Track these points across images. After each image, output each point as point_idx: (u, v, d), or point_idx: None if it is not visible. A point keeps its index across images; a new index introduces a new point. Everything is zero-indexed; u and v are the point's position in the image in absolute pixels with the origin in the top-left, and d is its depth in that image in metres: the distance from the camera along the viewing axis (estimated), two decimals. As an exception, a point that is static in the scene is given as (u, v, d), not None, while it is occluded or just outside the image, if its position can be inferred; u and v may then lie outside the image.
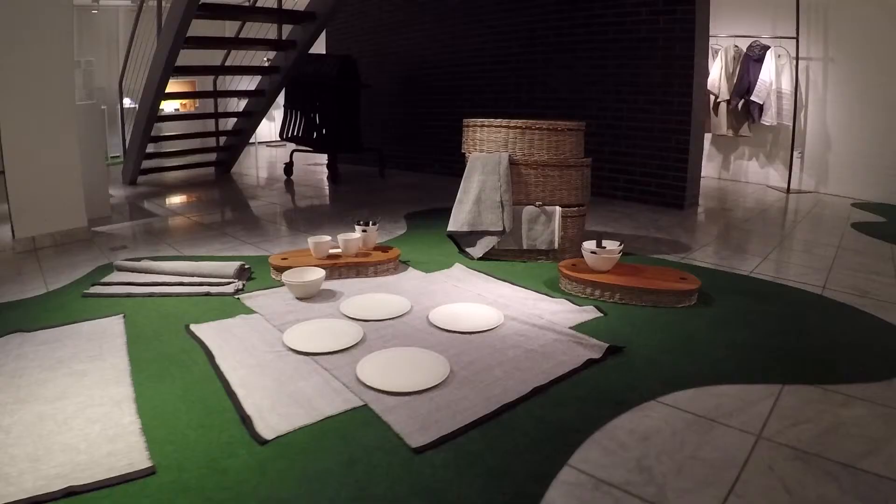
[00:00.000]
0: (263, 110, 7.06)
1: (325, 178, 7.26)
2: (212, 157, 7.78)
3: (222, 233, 4.56)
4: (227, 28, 7.11)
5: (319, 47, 9.45)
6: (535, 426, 1.87)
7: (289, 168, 7.31)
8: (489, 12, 6.79)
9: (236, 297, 3.06)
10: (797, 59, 6.48)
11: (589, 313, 2.81)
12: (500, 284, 3.25)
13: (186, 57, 6.05)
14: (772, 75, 6.67)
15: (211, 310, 2.85)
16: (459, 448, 1.76)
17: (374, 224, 3.60)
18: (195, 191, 6.67)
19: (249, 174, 7.86)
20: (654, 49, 5.46)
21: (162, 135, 7.28)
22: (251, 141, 11.26)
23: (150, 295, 3.08)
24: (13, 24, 3.89)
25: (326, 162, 6.94)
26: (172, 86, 9.51)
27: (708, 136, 7.38)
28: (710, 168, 7.54)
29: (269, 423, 1.86)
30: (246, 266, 3.47)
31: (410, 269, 3.54)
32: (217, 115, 7.51)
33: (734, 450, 1.76)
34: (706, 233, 4.67)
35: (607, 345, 2.41)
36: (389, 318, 2.76)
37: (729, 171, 7.58)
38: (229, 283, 3.24)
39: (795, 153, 6.70)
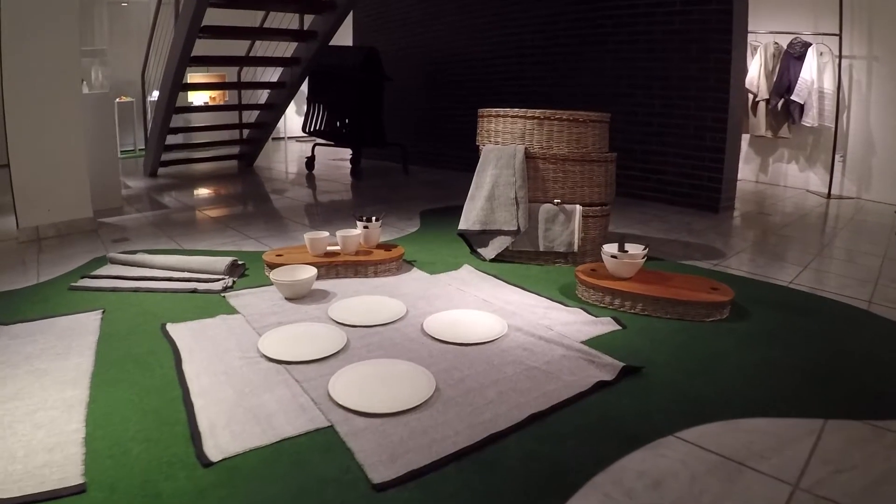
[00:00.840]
0: (285, 103, 6.81)
1: (347, 174, 6.98)
2: (234, 150, 7.57)
3: (227, 227, 4.32)
4: (252, 19, 6.84)
5: (346, 40, 9.19)
6: (526, 463, 1.55)
7: (310, 162, 7.06)
8: (514, 2, 6.43)
9: (223, 294, 2.82)
10: (840, 57, 6.04)
11: (605, 326, 2.46)
12: (509, 289, 2.92)
13: (208, 47, 5.84)
14: (813, 74, 6.25)
15: (194, 308, 2.63)
16: (429, 487, 1.45)
17: (376, 220, 3.29)
18: (214, 184, 6.46)
19: (273, 168, 7.63)
20: (688, 42, 5.06)
21: (180, 126, 7.06)
22: (280, 135, 11.08)
23: (136, 290, 2.88)
24: (19, 14, 3.77)
25: (352, 157, 6.65)
26: (200, 77, 9.38)
27: (745, 138, 6.95)
28: (746, 171, 7.10)
29: (219, 443, 1.60)
30: (238, 262, 3.24)
31: (415, 269, 3.24)
32: (241, 108, 7.28)
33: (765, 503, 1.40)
34: (742, 238, 4.27)
35: (622, 364, 2.07)
36: (379, 325, 2.47)
37: (767, 175, 7.13)
38: (218, 280, 3.00)
39: (837, 157, 6.25)
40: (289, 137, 11.32)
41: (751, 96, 6.70)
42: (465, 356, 2.17)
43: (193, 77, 9.99)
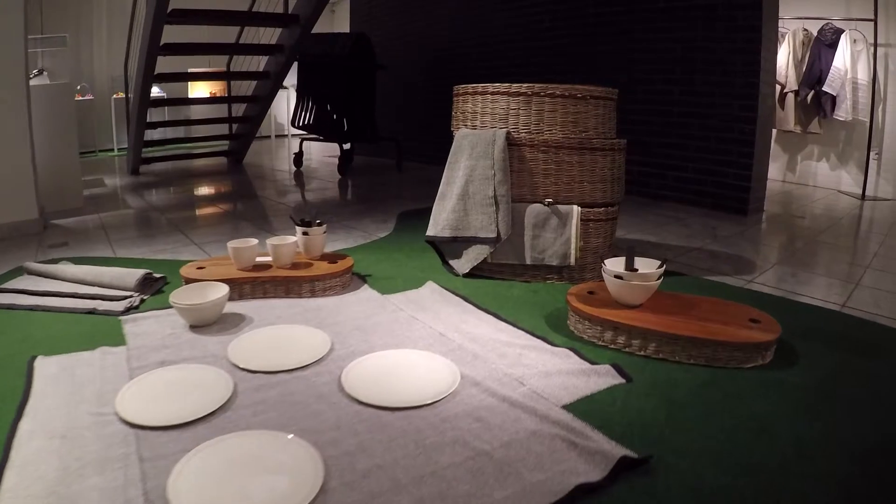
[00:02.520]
0: (270, 94, 6.04)
1: (336, 171, 6.21)
2: (218, 146, 6.84)
3: (178, 230, 3.58)
4: (242, 3, 6.08)
5: (343, 27, 8.43)
6: None
7: (298, 159, 6.29)
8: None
9: (121, 318, 2.14)
10: (875, 45, 5.25)
11: (602, 378, 1.66)
12: (479, 318, 2.12)
13: (193, 34, 5.14)
14: (846, 63, 5.48)
15: (83, 334, 2.00)
16: None
17: (319, 224, 2.51)
18: (193, 182, 5.74)
19: (263, 165, 6.87)
20: (712, 20, 4.21)
21: (157, 121, 6.34)
22: (283, 132, 10.37)
23: (33, 308, 2.25)
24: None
25: (340, 152, 5.84)
26: (203, 68, 8.68)
27: (773, 133, 6.08)
28: (773, 169, 6.23)
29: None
30: (155, 276, 2.52)
31: (365, 286, 2.46)
32: (224, 100, 6.53)
33: None
34: (775, 247, 3.43)
35: (620, 454, 1.26)
36: (286, 371, 1.70)
37: (795, 174, 6.27)
38: (124, 298, 2.31)
39: (872, 154, 5.44)
40: (293, 134, 10.62)
41: (778, 87, 5.87)
42: (386, 429, 1.40)
43: (195, 67, 9.34)
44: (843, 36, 5.52)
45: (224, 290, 2.11)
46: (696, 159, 4.45)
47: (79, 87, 8.81)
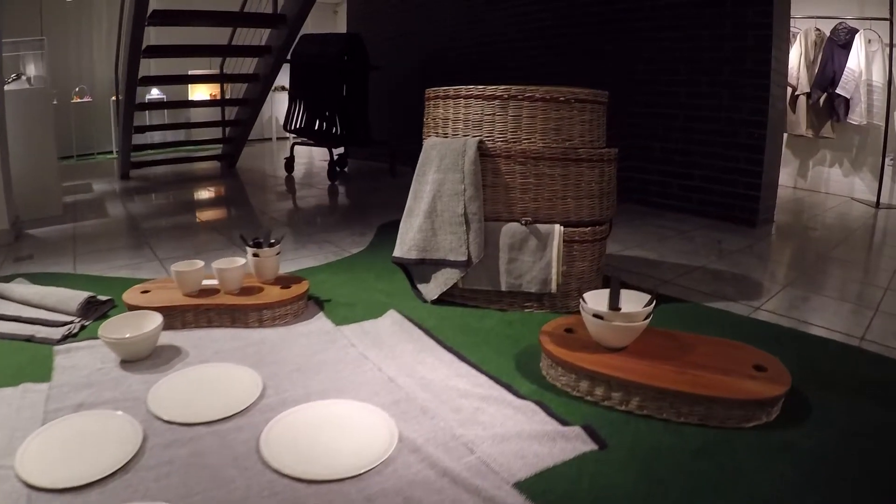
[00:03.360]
0: (261, 97, 5.76)
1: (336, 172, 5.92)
2: (213, 149, 6.59)
3: (145, 243, 3.31)
4: (234, 4, 5.80)
5: (341, 27, 8.14)
6: None
7: (289, 163, 6.00)
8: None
9: (55, 347, 1.89)
10: (892, 45, 4.92)
11: (571, 442, 1.36)
12: (439, 357, 1.82)
13: (185, 36, 4.89)
14: (861, 64, 5.15)
15: (16, 366, 1.76)
16: None
17: (272, 244, 2.22)
18: (179, 187, 5.47)
19: (257, 169, 6.60)
20: (720, 16, 3.88)
21: (146, 125, 6.10)
22: (285, 135, 10.10)
23: None
24: None
25: (329, 158, 5.54)
26: (203, 70, 8.45)
27: (783, 137, 5.74)
28: (784, 175, 5.86)
29: None
30: (99, 299, 2.25)
31: (320, 315, 2.17)
32: (212, 104, 6.27)
33: None
34: (786, 264, 3.11)
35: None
36: (205, 423, 1.44)
37: (806, 180, 5.92)
38: (64, 325, 2.06)
39: (888, 160, 5.11)
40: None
41: (789, 90, 5.52)
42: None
43: (196, 69, 9.10)
44: (857, 36, 5.20)
45: (157, 321, 1.84)
46: (703, 166, 4.11)
47: (77, 90, 8.60)
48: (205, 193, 5.20)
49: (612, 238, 3.31)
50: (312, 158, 7.56)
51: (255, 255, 2.20)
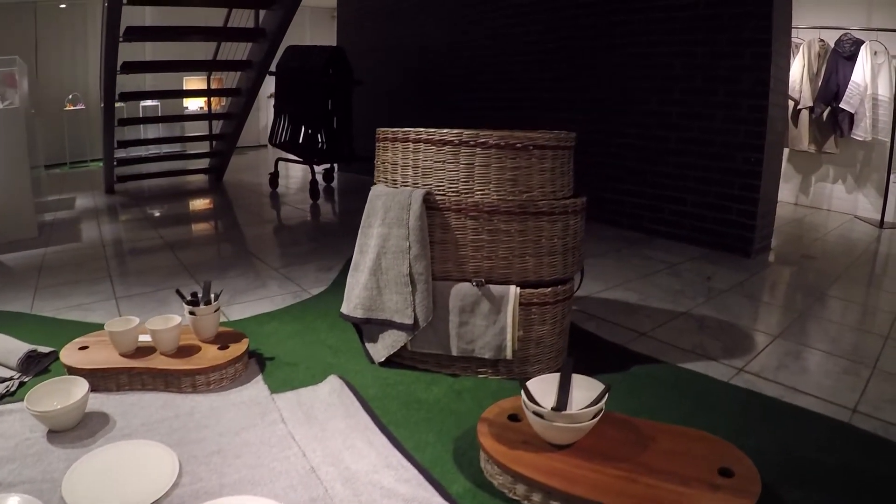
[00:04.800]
0: (244, 111, 5.53)
1: (319, 191, 5.69)
2: (203, 163, 6.39)
3: (108, 275, 3.12)
4: (213, 18, 5.59)
5: (329, 41, 7.90)
6: None
7: (274, 179, 5.78)
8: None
9: None
10: None
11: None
12: (370, 441, 1.59)
13: (169, 53, 4.68)
14: (866, 78, 4.89)
15: None
16: None
17: (212, 299, 2.01)
18: (159, 205, 5.28)
19: (245, 182, 6.37)
20: (716, 31, 3.61)
21: (131, 139, 5.91)
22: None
23: None
24: None
25: (311, 175, 5.29)
26: (196, 83, 8.27)
27: (784, 152, 5.47)
28: (785, 191, 5.60)
29: None
30: (41, 352, 2.07)
31: (258, 378, 1.95)
32: (211, 117, 6.07)
33: None
34: (779, 307, 2.85)
35: None
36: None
37: (808, 196, 5.65)
38: (5, 380, 1.91)
39: (893, 177, 4.85)
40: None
41: (791, 104, 5.27)
42: None
43: (189, 83, 8.91)
44: (862, 48, 4.93)
45: (82, 391, 1.68)
46: (696, 191, 3.85)
47: (70, 97, 8.43)
48: (183, 213, 4.99)
49: (592, 275, 3.07)
50: (306, 170, 7.34)
51: (191, 312, 1.98)
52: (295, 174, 7.03)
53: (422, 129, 1.89)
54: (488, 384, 1.91)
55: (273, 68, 5.39)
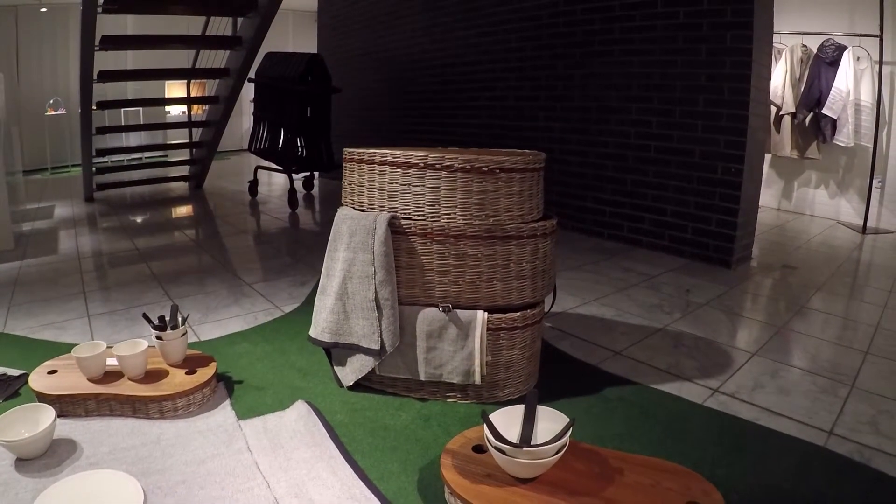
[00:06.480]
0: (223, 119, 5.49)
1: (298, 199, 5.65)
2: (182, 171, 6.34)
3: (81, 291, 3.09)
4: (194, 26, 5.54)
5: (311, 45, 7.85)
6: None
7: (253, 187, 5.74)
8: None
9: None
10: (881, 63, 4.69)
11: None
12: (334, 471, 1.57)
13: (150, 60, 4.63)
14: (849, 83, 4.91)
15: None
16: None
17: (179, 323, 1.98)
18: (140, 212, 5.24)
19: (225, 189, 6.33)
20: (696, 40, 3.61)
21: (115, 147, 5.86)
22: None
23: None
24: None
25: (290, 184, 5.25)
26: (178, 90, 8.22)
27: (766, 158, 5.49)
28: (767, 196, 5.61)
29: None
30: (11, 375, 2.05)
31: (226, 403, 1.92)
32: (191, 125, 6.02)
33: None
34: (758, 322, 2.83)
35: None
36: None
37: (791, 201, 5.67)
38: None
39: (875, 182, 4.89)
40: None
41: (774, 109, 5.29)
42: None
43: (172, 88, 8.85)
44: (845, 53, 4.95)
45: (49, 419, 1.64)
46: (676, 201, 3.84)
47: (52, 102, 8.35)
48: (160, 223, 4.93)
49: (569, 289, 3.06)
50: (286, 177, 7.30)
51: (158, 337, 1.95)
52: (275, 181, 6.99)
53: (387, 151, 1.86)
54: (457, 409, 1.88)
55: (252, 75, 5.35)
